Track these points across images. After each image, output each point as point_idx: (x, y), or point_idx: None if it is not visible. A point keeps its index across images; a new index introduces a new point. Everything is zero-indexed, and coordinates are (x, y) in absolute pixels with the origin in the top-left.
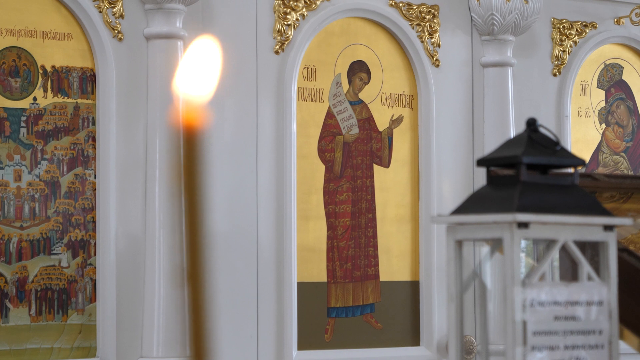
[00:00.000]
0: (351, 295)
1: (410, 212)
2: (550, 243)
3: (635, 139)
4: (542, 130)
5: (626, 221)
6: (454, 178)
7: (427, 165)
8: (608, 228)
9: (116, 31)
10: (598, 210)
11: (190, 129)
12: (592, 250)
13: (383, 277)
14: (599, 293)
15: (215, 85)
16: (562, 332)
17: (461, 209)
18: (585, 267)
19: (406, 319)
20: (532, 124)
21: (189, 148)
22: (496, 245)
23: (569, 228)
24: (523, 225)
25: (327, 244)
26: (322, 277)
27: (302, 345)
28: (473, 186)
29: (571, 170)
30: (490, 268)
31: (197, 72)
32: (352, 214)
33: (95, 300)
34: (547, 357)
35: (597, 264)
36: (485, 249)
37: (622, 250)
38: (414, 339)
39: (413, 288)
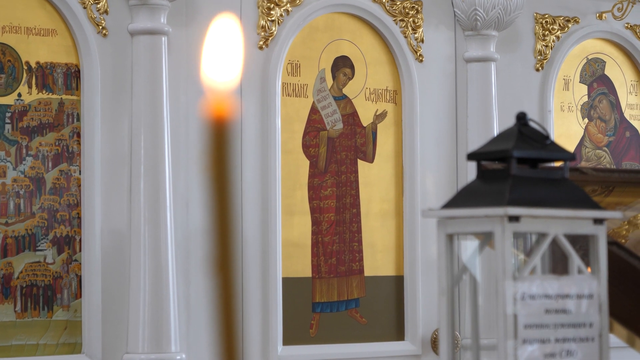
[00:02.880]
0: (336, 291)
1: (395, 207)
2: (540, 236)
3: (618, 133)
4: (531, 124)
5: (616, 214)
6: (438, 173)
7: (411, 160)
8: (598, 221)
9: (100, 27)
10: (588, 203)
11: (219, 119)
12: (581, 243)
13: (368, 272)
14: (589, 286)
15: (240, 71)
16: (552, 325)
17: (452, 203)
18: (576, 261)
19: (391, 313)
20: (522, 117)
21: (218, 139)
22: (487, 239)
23: (560, 221)
24: (514, 218)
25: (311, 239)
26: (307, 272)
27: (287, 341)
28: (457, 181)
29: (556, 164)
30: (480, 262)
31: (221, 58)
32: (336, 209)
33: (80, 297)
34: (538, 350)
35: (587, 258)
36: (471, 243)
37: (612, 243)
38: (399, 334)
39: (397, 283)
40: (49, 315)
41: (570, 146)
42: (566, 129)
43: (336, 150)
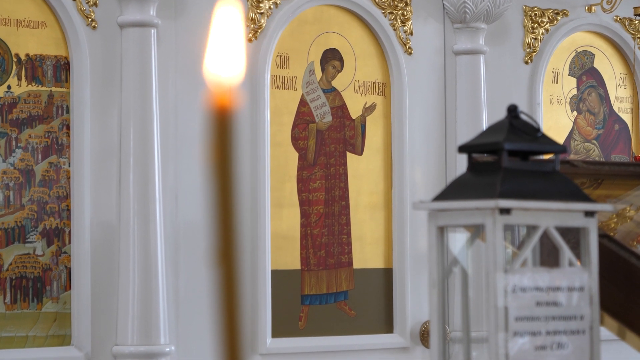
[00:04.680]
0: (325, 283)
1: (384, 200)
2: (531, 229)
3: (607, 126)
4: (522, 116)
5: (607, 207)
6: (427, 165)
7: (400, 153)
8: (589, 214)
9: (90, 19)
10: (579, 196)
11: (222, 111)
12: (572, 236)
13: (356, 265)
14: (580, 279)
15: (244, 65)
16: (543, 318)
17: (443, 196)
18: (567, 253)
19: (380, 306)
20: (513, 110)
21: (221, 129)
22: (478, 231)
23: (551, 214)
24: (505, 211)
25: (300, 231)
26: (296, 264)
27: (276, 333)
28: (446, 173)
29: (544, 157)
30: (470, 255)
31: (225, 52)
32: (325, 202)
33: (70, 289)
34: (529, 343)
35: (577, 250)
36: (460, 236)
37: (602, 236)
38: (388, 326)
39: (386, 275)
40: (39, 307)
41: (559, 139)
42: (555, 122)
43: (325, 143)
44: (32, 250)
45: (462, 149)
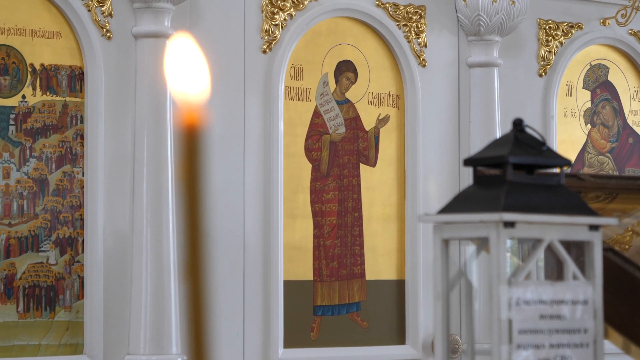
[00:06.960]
0: (337, 294)
1: (396, 211)
2: (536, 242)
3: (621, 139)
4: (528, 130)
5: (612, 221)
6: (440, 177)
7: (413, 165)
8: (593, 228)
9: (105, 30)
10: (584, 210)
11: (189, 128)
12: (577, 249)
13: (369, 276)
14: (584, 292)
15: (208, 84)
16: (547, 331)
17: (448, 208)
18: (571, 267)
19: (392, 317)
20: (518, 124)
21: (189, 146)
22: (482, 244)
23: (555, 228)
24: (509, 224)
25: (313, 242)
26: (309, 275)
27: (288, 344)
28: (459, 186)
29: (556, 170)
30: (476, 267)
31: (188, 71)
32: (338, 213)
33: (82, 298)
34: (533, 356)
35: (582, 264)
36: (470, 248)
37: (607, 249)
38: (400, 338)
39: (399, 287)
40: (51, 316)
41: (573, 152)
42: (569, 135)
43: (338, 154)
44: (45, 259)
45: (467, 162)
